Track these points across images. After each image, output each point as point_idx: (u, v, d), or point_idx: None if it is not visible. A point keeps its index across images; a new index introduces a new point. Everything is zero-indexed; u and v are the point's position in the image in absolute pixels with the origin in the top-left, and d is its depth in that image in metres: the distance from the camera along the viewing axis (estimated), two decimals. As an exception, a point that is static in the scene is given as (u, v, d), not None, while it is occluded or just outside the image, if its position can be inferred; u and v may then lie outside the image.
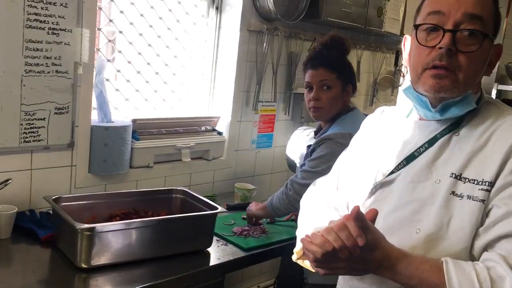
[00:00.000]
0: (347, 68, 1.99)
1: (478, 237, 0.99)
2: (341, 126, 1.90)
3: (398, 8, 3.10)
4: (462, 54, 1.02)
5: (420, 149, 1.10)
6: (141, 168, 2.22)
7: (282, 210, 1.96)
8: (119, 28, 2.23)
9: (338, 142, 1.82)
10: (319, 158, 1.87)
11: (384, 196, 1.13)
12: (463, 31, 1.02)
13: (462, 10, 1.02)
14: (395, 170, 1.12)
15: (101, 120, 2.05)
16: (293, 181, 1.92)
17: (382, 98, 3.59)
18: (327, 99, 1.93)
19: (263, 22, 2.56)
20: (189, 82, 2.59)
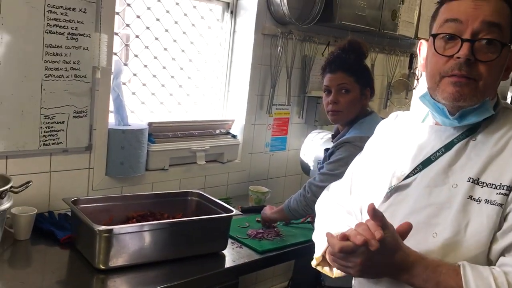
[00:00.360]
0: (365, 72, 2.01)
1: (496, 242, 0.99)
2: (359, 130, 1.92)
3: (413, 11, 3.10)
4: (481, 63, 1.02)
5: (437, 154, 1.10)
6: (157, 171, 2.25)
7: (300, 212, 1.98)
8: (135, 32, 2.27)
9: (357, 146, 1.82)
10: (338, 161, 1.88)
11: (399, 200, 1.13)
12: (481, 40, 1.02)
13: (480, 18, 1.01)
14: (411, 175, 1.12)
15: (118, 123, 2.09)
16: (311, 184, 1.93)
17: (396, 101, 3.58)
18: (345, 103, 1.94)
19: (278, 26, 2.58)
20: (204, 85, 2.62)
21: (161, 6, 2.32)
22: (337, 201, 1.36)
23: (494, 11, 1.01)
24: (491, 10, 1.02)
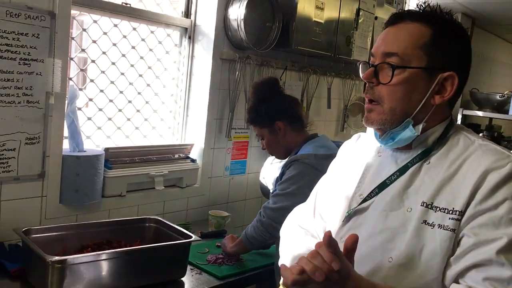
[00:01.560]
0: (263, 114, 2.07)
1: (450, 267, 1.00)
2: (307, 149, 1.98)
3: (366, 37, 3.21)
4: (383, 85, 1.08)
5: (392, 177, 1.12)
6: (114, 197, 2.20)
7: (258, 239, 1.96)
8: (91, 57, 2.24)
9: (305, 163, 1.88)
10: (288, 180, 1.90)
11: (358, 224, 1.14)
12: (382, 64, 1.08)
13: (381, 50, 1.10)
14: (368, 198, 1.14)
15: (73, 149, 2.04)
16: (265, 208, 1.94)
17: (352, 123, 3.66)
18: (268, 146, 2.14)
19: (235, 51, 2.61)
20: (162, 110, 2.61)
21: (117, 31, 2.31)
22: (300, 223, 1.36)
23: (395, 41, 1.09)
24: (393, 40, 1.09)
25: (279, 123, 2.04)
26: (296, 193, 1.86)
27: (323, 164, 1.88)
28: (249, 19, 2.50)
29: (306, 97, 3.11)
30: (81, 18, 2.40)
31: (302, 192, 1.85)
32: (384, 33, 1.13)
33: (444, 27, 1.09)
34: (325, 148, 1.96)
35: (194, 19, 2.58)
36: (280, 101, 2.06)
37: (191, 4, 2.57)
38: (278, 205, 1.87)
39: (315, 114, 3.28)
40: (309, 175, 1.87)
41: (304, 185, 1.86)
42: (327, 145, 2.00)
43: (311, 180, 1.86)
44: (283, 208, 1.86)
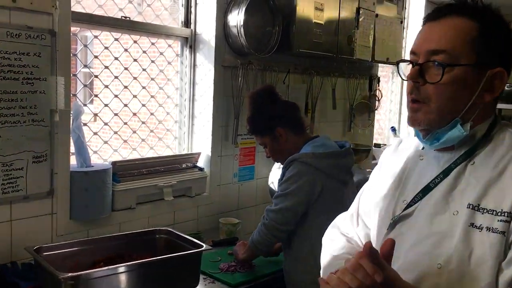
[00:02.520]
0: (262, 122, 2.07)
1: (502, 272, 0.94)
2: (306, 149, 1.99)
3: (367, 36, 3.19)
4: (430, 85, 1.03)
5: (436, 180, 1.07)
6: (124, 211, 2.20)
7: (263, 243, 1.95)
8: (95, 72, 2.26)
9: (303, 162, 1.89)
10: (288, 180, 1.90)
11: (403, 230, 1.09)
12: (428, 63, 1.04)
13: (426, 48, 1.05)
14: (412, 203, 1.09)
15: (81, 165, 2.05)
16: (267, 210, 1.94)
17: (360, 123, 3.65)
18: (271, 154, 2.13)
19: (237, 57, 2.61)
20: (167, 120, 2.61)
21: (118, 45, 2.32)
22: (342, 230, 1.33)
23: (441, 37, 1.03)
24: (439, 36, 1.04)
25: (280, 129, 2.04)
26: (296, 193, 1.86)
27: (321, 162, 1.89)
28: (249, 25, 2.50)
29: (310, 99, 3.10)
30: (84, 33, 2.42)
31: (303, 190, 1.85)
32: (426, 29, 1.08)
33: (491, 21, 1.04)
34: (324, 147, 1.96)
35: (194, 28, 2.59)
36: (278, 108, 2.07)
37: (190, 14, 2.58)
38: (279, 206, 1.88)
39: (321, 115, 3.26)
40: (308, 173, 1.87)
41: (303, 184, 1.86)
42: (326, 144, 2.00)
43: (311, 179, 1.87)
44: (284, 208, 1.86)
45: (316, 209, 1.89)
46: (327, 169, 1.89)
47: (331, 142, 2.06)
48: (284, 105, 2.11)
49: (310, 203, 1.88)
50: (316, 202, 1.88)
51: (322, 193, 1.88)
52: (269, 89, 2.18)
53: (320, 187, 1.88)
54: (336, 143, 2.06)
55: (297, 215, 1.88)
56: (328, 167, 1.90)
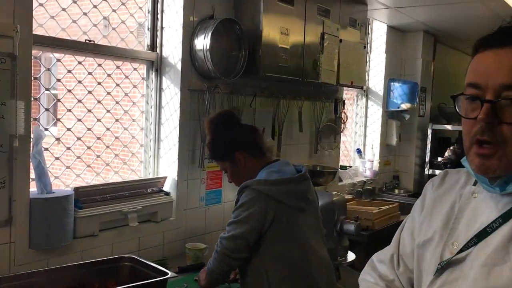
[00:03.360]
0: (220, 148, 2.07)
1: None
2: (261, 175, 1.97)
3: (332, 60, 3.26)
4: (507, 125, 0.90)
5: (493, 225, 0.95)
6: (86, 238, 2.14)
7: (216, 271, 1.89)
8: (59, 95, 2.21)
9: (255, 189, 1.86)
10: (240, 207, 1.88)
11: (453, 278, 0.98)
12: (504, 100, 0.90)
13: (499, 81, 0.91)
14: (465, 248, 0.97)
15: (41, 191, 1.98)
16: (220, 237, 1.90)
17: (326, 145, 3.69)
18: (232, 178, 2.12)
19: (203, 81, 2.61)
20: (133, 144, 2.57)
21: (81, 68, 2.29)
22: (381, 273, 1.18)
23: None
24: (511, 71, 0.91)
25: (238, 154, 2.02)
26: (247, 220, 1.83)
27: (274, 189, 1.86)
28: (215, 49, 2.51)
29: (277, 122, 3.13)
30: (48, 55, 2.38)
31: (254, 218, 1.83)
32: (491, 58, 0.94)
33: None
34: (278, 173, 1.94)
35: (160, 52, 2.58)
36: (236, 132, 2.06)
37: (156, 37, 2.58)
38: (231, 234, 1.84)
39: (288, 138, 3.29)
40: (260, 201, 1.84)
41: (255, 211, 1.83)
42: (282, 169, 1.97)
43: (263, 206, 1.84)
44: (236, 236, 1.82)
45: (269, 237, 1.85)
46: (279, 196, 1.86)
47: (288, 167, 2.02)
48: (243, 129, 2.10)
49: (263, 231, 1.85)
50: (268, 229, 1.84)
51: (274, 221, 1.84)
52: (228, 113, 2.17)
53: (272, 215, 1.84)
54: (294, 168, 2.04)
55: (249, 242, 1.84)
56: (280, 194, 1.86)
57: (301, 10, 2.96)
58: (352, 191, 4.11)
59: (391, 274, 1.16)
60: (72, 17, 2.23)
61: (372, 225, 3.24)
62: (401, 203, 3.79)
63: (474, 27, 3.95)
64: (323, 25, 3.15)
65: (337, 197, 2.76)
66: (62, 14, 2.19)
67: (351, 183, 4.16)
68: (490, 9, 3.54)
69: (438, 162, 4.68)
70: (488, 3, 3.41)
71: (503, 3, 3.31)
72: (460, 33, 4.67)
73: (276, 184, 1.87)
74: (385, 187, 4.61)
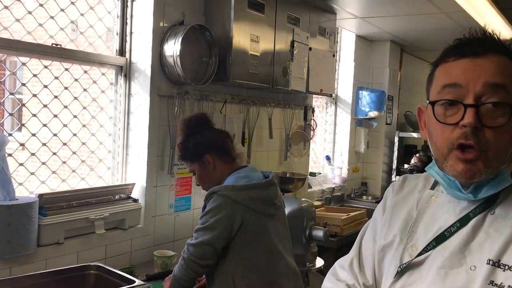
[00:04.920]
0: (190, 149, 2.07)
1: None
2: (228, 181, 1.97)
3: (302, 68, 3.30)
4: (489, 129, 0.91)
5: (451, 229, 0.97)
6: (51, 246, 2.09)
7: (183, 278, 1.88)
8: (24, 99, 2.16)
9: (223, 195, 1.87)
10: (207, 213, 1.88)
11: (412, 280, 0.99)
12: (486, 104, 0.91)
13: (482, 80, 0.91)
14: (424, 252, 0.99)
15: (4, 198, 1.93)
16: (187, 244, 1.89)
17: (296, 152, 3.72)
18: (199, 181, 2.11)
19: (173, 87, 2.60)
20: (100, 150, 2.53)
21: (48, 72, 2.24)
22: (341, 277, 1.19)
23: (496, 71, 0.92)
24: (493, 70, 0.92)
25: (208, 156, 2.03)
26: (215, 226, 1.83)
27: (241, 195, 1.87)
28: (185, 55, 2.51)
29: (247, 128, 3.14)
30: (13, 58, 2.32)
31: (222, 224, 1.83)
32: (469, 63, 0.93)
33: None
34: (246, 179, 1.95)
35: (129, 57, 2.56)
36: (208, 135, 2.07)
37: (125, 42, 2.55)
38: (198, 240, 1.83)
39: (258, 144, 3.30)
40: (227, 207, 1.84)
41: (222, 217, 1.83)
42: (249, 175, 1.98)
43: (230, 212, 1.85)
44: (204, 242, 1.82)
45: (237, 242, 1.85)
46: (247, 202, 1.86)
47: (256, 173, 2.03)
48: (214, 133, 2.11)
49: (230, 237, 1.85)
50: (236, 235, 1.85)
51: (242, 227, 1.84)
52: (202, 116, 2.17)
53: (240, 221, 1.84)
54: (262, 174, 2.05)
55: (217, 249, 1.83)
56: (248, 199, 1.87)
57: (271, 18, 2.99)
58: (321, 198, 4.16)
59: (351, 279, 1.16)
60: (38, 21, 2.19)
61: (340, 231, 3.28)
62: (369, 209, 3.84)
63: (438, 38, 4.07)
64: (293, 33, 3.19)
65: (306, 203, 2.78)
66: (28, 17, 2.15)
67: (320, 190, 4.20)
68: (454, 21, 3.66)
69: (404, 169, 4.78)
70: (452, 14, 3.52)
71: (466, 15, 3.43)
72: (425, 43, 4.80)
73: (243, 190, 1.87)
74: (354, 194, 4.67)
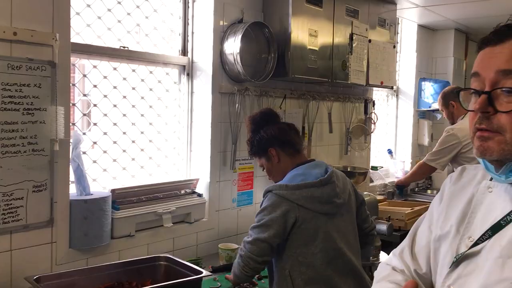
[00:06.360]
0: (256, 144, 2.11)
1: None
2: (286, 178, 1.98)
3: (361, 61, 3.25)
4: (503, 114, 0.94)
5: (508, 218, 0.96)
6: (123, 238, 2.21)
7: (241, 277, 1.89)
8: (94, 101, 2.29)
9: (277, 194, 1.88)
10: (262, 211, 1.89)
11: (468, 271, 0.99)
12: (498, 89, 0.96)
13: (494, 68, 0.96)
14: (480, 241, 0.98)
15: (80, 193, 2.06)
16: (244, 242, 1.90)
17: (356, 146, 3.68)
18: (268, 174, 2.18)
19: (234, 84, 2.66)
20: (166, 147, 2.64)
21: (117, 74, 2.37)
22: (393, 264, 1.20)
23: (510, 58, 0.95)
24: (506, 56, 0.96)
25: (272, 149, 2.06)
26: (269, 224, 1.83)
27: (295, 194, 1.85)
28: (245, 52, 2.56)
29: (307, 123, 3.14)
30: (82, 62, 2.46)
31: (276, 222, 1.83)
32: (488, 52, 1.00)
33: None
34: (303, 176, 1.93)
35: (191, 56, 2.64)
36: (271, 129, 2.09)
37: (187, 42, 2.64)
38: (254, 237, 1.84)
39: (318, 139, 3.30)
40: (281, 205, 1.84)
41: (276, 216, 1.83)
42: (307, 172, 1.95)
43: (284, 210, 1.84)
44: (259, 239, 1.82)
45: (292, 240, 1.85)
46: (300, 201, 1.85)
47: (316, 169, 1.99)
48: (278, 127, 2.13)
49: (285, 235, 1.85)
50: (291, 233, 1.85)
51: (296, 225, 1.84)
52: (266, 111, 2.20)
53: (294, 219, 1.84)
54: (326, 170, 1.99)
55: (272, 246, 1.84)
56: (301, 198, 1.86)
57: (329, 11, 2.97)
58: (383, 192, 4.08)
59: (400, 265, 1.17)
60: (107, 25, 2.31)
61: (404, 225, 3.21)
62: (434, 203, 3.73)
63: (507, 24, 3.86)
64: (352, 25, 3.15)
65: (368, 197, 2.75)
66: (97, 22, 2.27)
67: (382, 184, 4.13)
68: (524, 5, 3.47)
69: (472, 162, 4.59)
70: (522, -2, 3.34)
71: (537, -2, 3.24)
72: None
73: (296, 189, 1.86)
74: (418, 188, 4.55)
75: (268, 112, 2.20)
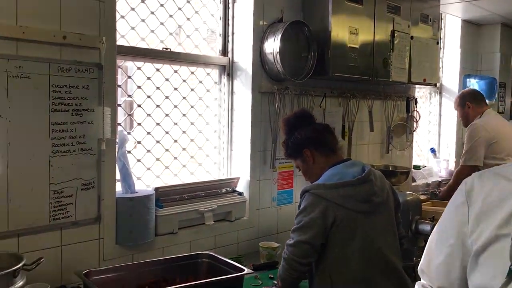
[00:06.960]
0: (291, 146, 2.10)
1: None
2: (323, 178, 1.96)
3: (403, 58, 3.19)
4: None
5: None
6: (167, 235, 2.26)
7: (287, 279, 1.89)
8: (137, 101, 2.35)
9: (314, 193, 1.86)
10: (301, 213, 1.88)
11: None
12: None
13: None
14: None
15: (125, 191, 2.12)
16: (286, 245, 1.90)
17: (398, 144, 3.62)
18: (304, 175, 2.16)
19: (273, 83, 2.67)
20: (207, 146, 2.68)
21: (160, 75, 2.42)
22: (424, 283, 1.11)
23: None
24: None
25: (306, 151, 2.05)
26: (310, 225, 1.82)
27: (331, 193, 1.84)
28: (285, 52, 2.56)
29: (347, 121, 3.11)
30: (125, 64, 2.53)
31: (316, 223, 1.82)
32: None
33: None
34: (338, 176, 1.91)
35: (231, 57, 2.67)
36: (305, 131, 2.08)
37: (228, 43, 2.67)
38: (296, 240, 1.83)
39: (358, 138, 3.26)
40: (319, 205, 1.83)
41: (316, 216, 1.82)
42: (343, 172, 1.93)
43: (322, 210, 1.83)
44: (301, 241, 1.82)
45: (332, 239, 1.84)
46: (337, 200, 1.84)
47: (352, 168, 1.96)
48: (312, 128, 2.12)
49: (326, 234, 1.84)
50: (330, 233, 1.83)
51: (334, 224, 1.82)
52: (302, 113, 2.21)
53: (332, 218, 1.82)
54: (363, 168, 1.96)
55: (315, 247, 1.83)
56: (338, 198, 1.84)
57: (370, 8, 2.94)
58: (426, 191, 3.99)
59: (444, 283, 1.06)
60: (150, 27, 2.37)
61: (448, 226, 3.13)
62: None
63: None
64: (393, 22, 3.10)
65: (411, 196, 2.70)
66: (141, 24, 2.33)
67: (425, 183, 4.04)
68: None
69: (520, 161, 4.42)
70: None
71: None
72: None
73: (333, 188, 1.85)
74: (462, 187, 4.41)
75: (302, 113, 2.20)
